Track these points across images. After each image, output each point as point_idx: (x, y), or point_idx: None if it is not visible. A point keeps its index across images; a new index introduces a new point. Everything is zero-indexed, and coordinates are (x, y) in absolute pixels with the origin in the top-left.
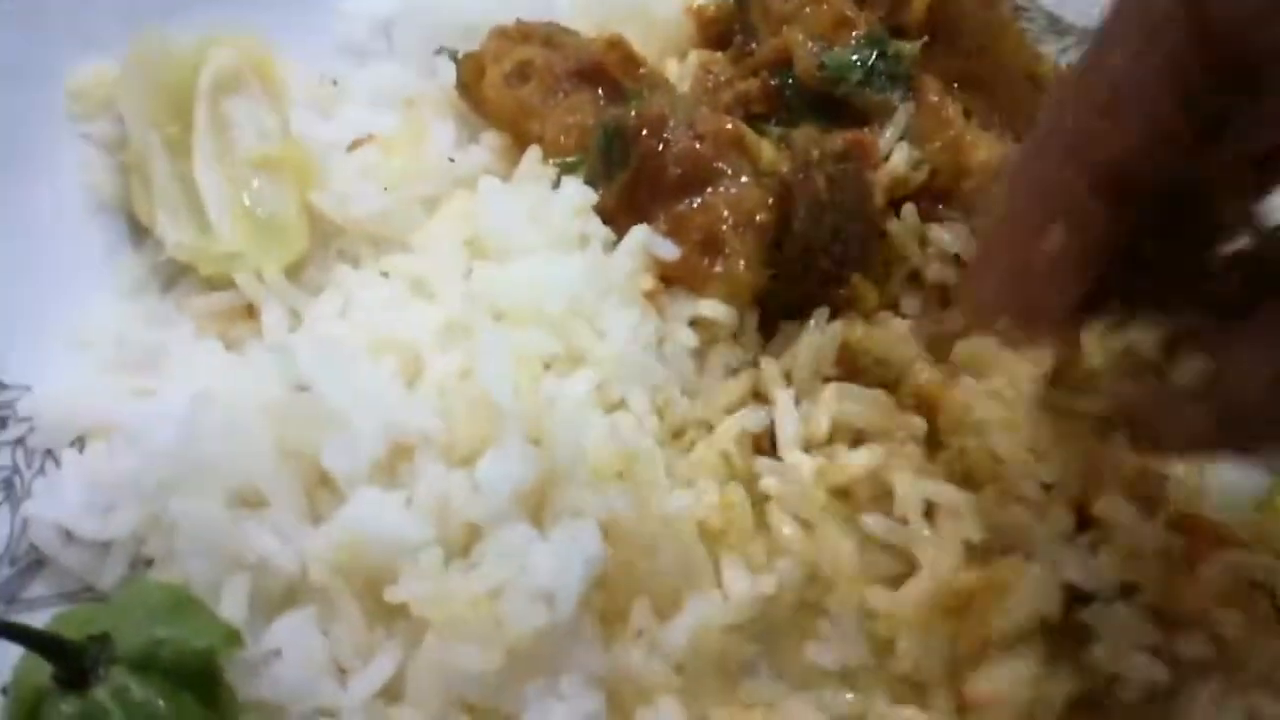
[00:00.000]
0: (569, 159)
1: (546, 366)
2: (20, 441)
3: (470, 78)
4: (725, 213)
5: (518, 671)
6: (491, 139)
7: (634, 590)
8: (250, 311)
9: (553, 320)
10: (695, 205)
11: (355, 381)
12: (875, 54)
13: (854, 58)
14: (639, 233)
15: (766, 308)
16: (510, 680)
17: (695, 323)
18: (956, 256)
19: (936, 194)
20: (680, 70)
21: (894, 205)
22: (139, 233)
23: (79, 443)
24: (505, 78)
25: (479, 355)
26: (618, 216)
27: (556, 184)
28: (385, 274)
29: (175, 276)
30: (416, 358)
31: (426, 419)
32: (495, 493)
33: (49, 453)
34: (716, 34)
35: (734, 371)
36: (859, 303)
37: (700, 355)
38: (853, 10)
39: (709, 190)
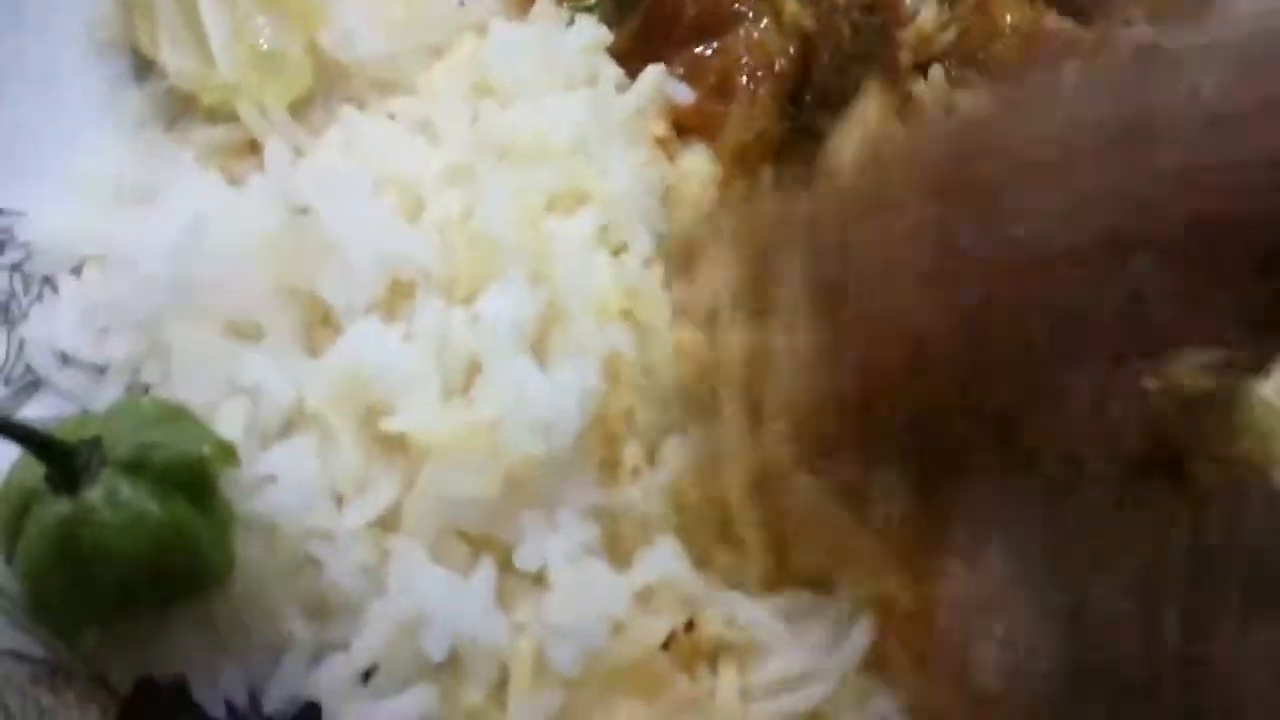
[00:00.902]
0: (585, 1)
1: (549, 208)
2: (17, 267)
3: None
4: (743, 58)
5: (514, 501)
6: None
7: (630, 432)
8: (253, 147)
9: (557, 158)
10: (712, 49)
11: (356, 211)
12: None
13: None
14: (653, 72)
15: (782, 164)
16: (506, 509)
17: None
18: None
19: (964, 57)
20: None
21: (919, 68)
22: (142, 69)
23: (77, 270)
24: None
25: (480, 193)
26: (631, 59)
27: (570, 25)
28: (391, 116)
29: (178, 113)
30: (419, 197)
31: (427, 254)
32: (496, 327)
33: (46, 279)
34: None
35: None
36: None
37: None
38: None
39: (727, 34)
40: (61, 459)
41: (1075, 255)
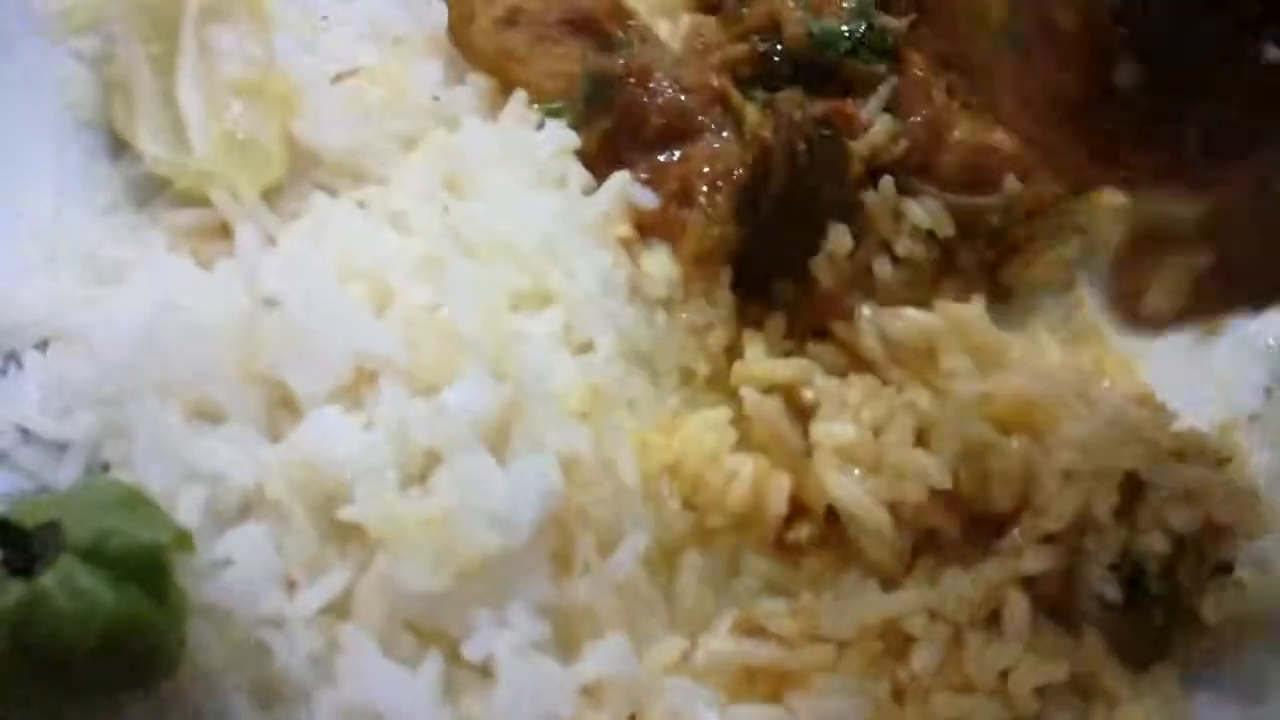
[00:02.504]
0: (554, 104)
1: (515, 307)
2: None
3: (460, 20)
4: (704, 166)
5: (466, 595)
6: (477, 81)
7: (583, 529)
8: (224, 231)
9: (525, 257)
10: (675, 157)
11: (324, 302)
12: (863, 26)
13: (843, 28)
14: (619, 178)
15: (740, 266)
16: (458, 603)
17: None
18: (929, 233)
19: (913, 169)
20: (670, 31)
21: (871, 177)
22: (118, 148)
23: (42, 346)
24: (495, 22)
25: (448, 287)
26: (598, 163)
27: (540, 127)
28: (361, 205)
29: (151, 194)
30: (387, 288)
31: (392, 346)
32: (457, 420)
33: (11, 354)
34: None
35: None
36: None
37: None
38: None
39: (689, 143)
40: (18, 543)
41: None
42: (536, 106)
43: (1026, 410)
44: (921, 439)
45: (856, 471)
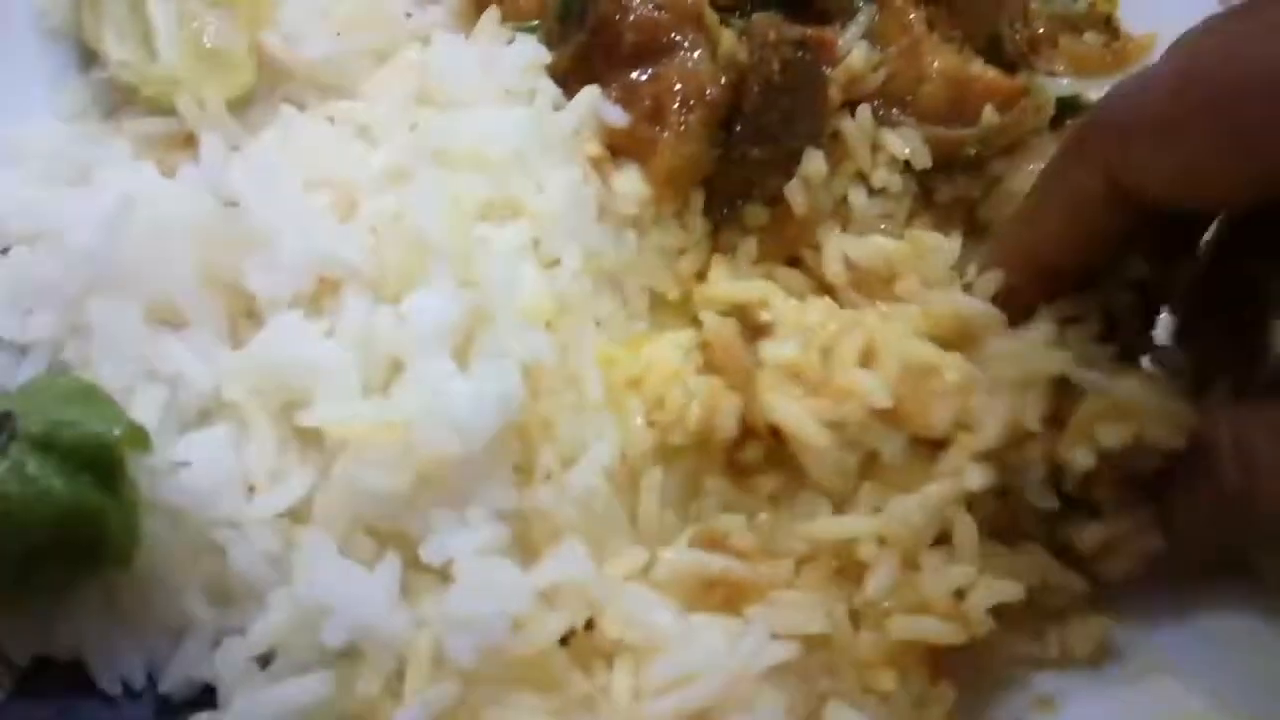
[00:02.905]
0: (527, 22)
1: (482, 216)
2: None
3: None
4: (677, 85)
5: (425, 499)
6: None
7: (546, 439)
8: (189, 141)
9: (493, 168)
10: (647, 75)
11: (288, 207)
12: None
13: None
14: (588, 93)
15: (713, 190)
16: (417, 507)
17: None
18: (906, 164)
19: (891, 99)
20: None
21: (848, 107)
22: (86, 59)
23: (4, 250)
24: None
25: (414, 195)
26: (569, 80)
27: (511, 43)
28: (330, 119)
29: (118, 104)
30: (352, 196)
31: (356, 253)
32: (420, 326)
33: None
34: None
35: (674, 251)
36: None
37: (640, 227)
38: None
39: (663, 62)
40: None
41: None
42: (509, 22)
43: (966, 328)
44: (866, 360)
45: (799, 392)
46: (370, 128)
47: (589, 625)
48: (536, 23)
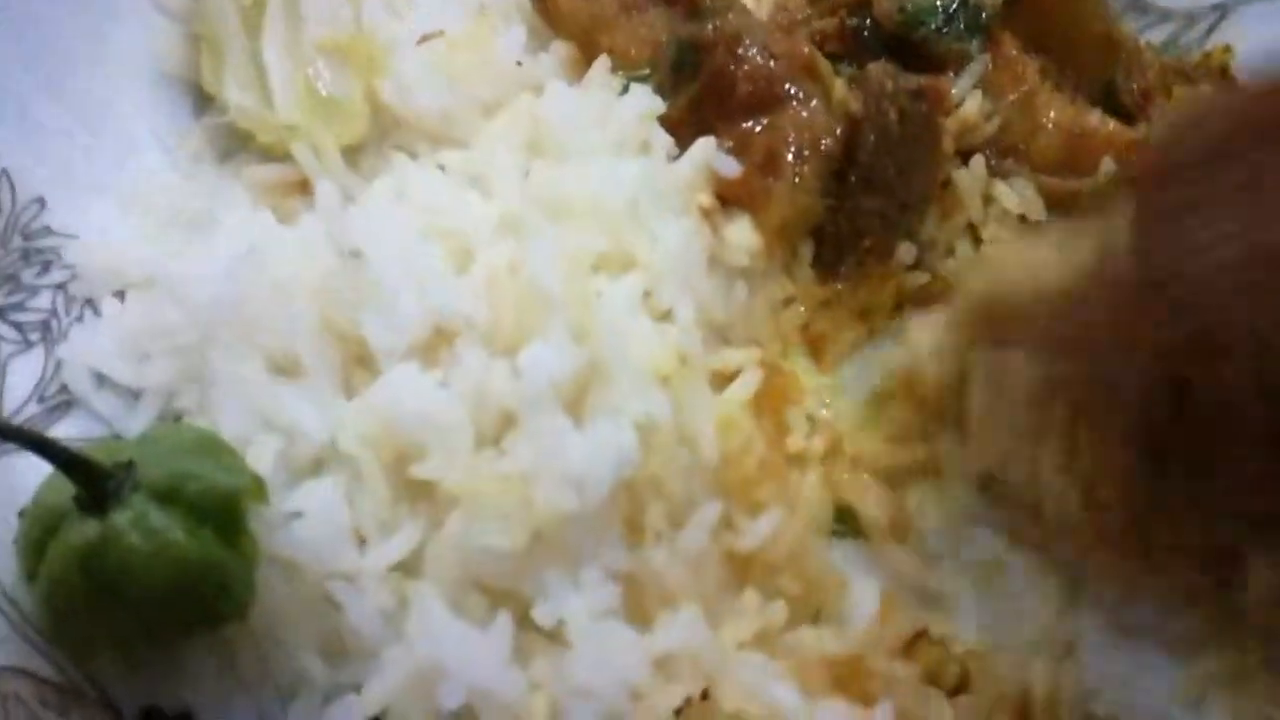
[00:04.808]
0: (639, 71)
1: (596, 269)
2: (61, 287)
3: None
4: (790, 135)
5: (538, 557)
6: (560, 49)
7: (655, 497)
8: (305, 187)
9: (607, 220)
10: (761, 125)
11: (405, 257)
12: (956, 3)
13: (935, 2)
14: (704, 145)
15: (822, 241)
16: (530, 565)
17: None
18: (1021, 217)
19: (1004, 149)
20: (756, 6)
21: (961, 156)
22: (202, 104)
23: (120, 294)
24: None
25: (530, 247)
26: (681, 130)
27: (623, 94)
28: (442, 167)
29: (234, 149)
30: (467, 247)
31: (472, 304)
32: (535, 381)
33: (89, 301)
34: None
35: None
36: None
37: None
38: None
39: (776, 112)
40: (94, 480)
41: None
42: (620, 74)
43: None
44: None
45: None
46: (483, 177)
47: (704, 695)
48: (647, 72)
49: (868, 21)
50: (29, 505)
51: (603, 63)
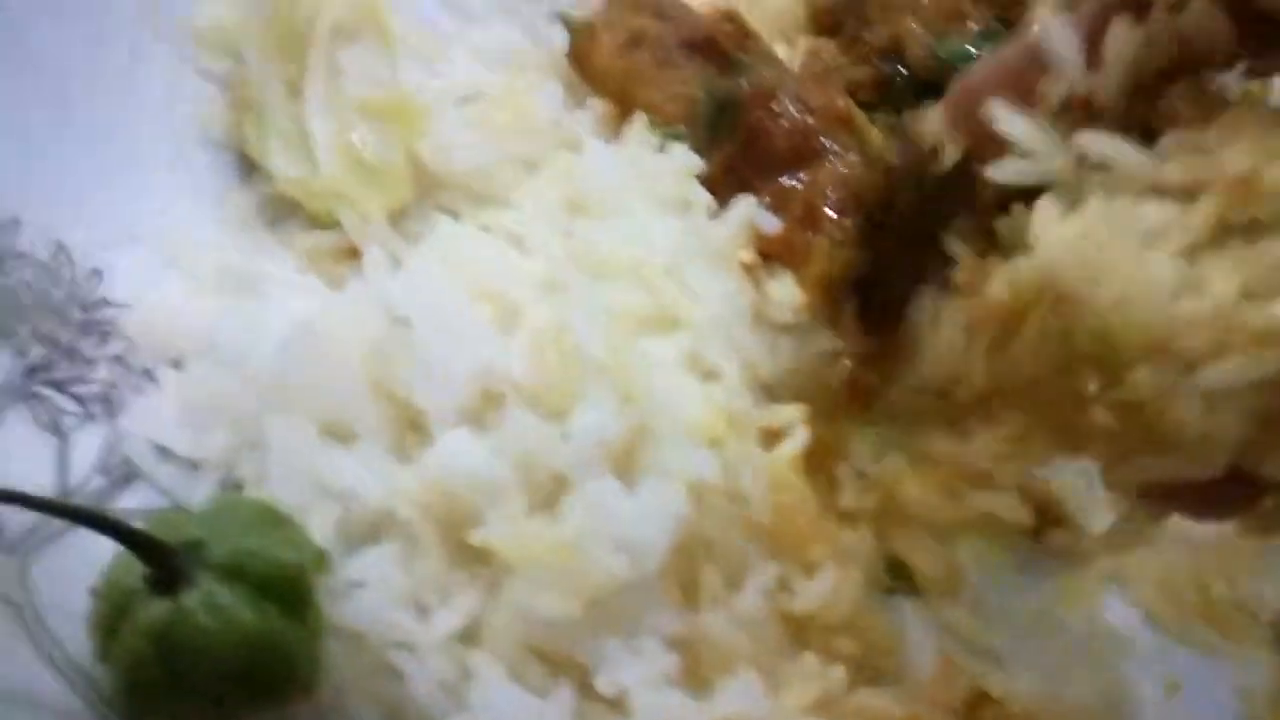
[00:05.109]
0: (675, 128)
1: (640, 328)
2: (119, 359)
3: (581, 44)
4: (829, 189)
5: (596, 623)
6: (598, 105)
7: (708, 560)
8: (352, 254)
9: (649, 280)
10: (799, 180)
11: (453, 321)
12: (988, 45)
13: (967, 47)
14: (744, 202)
15: (866, 296)
16: (588, 632)
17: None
18: None
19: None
20: (788, 56)
21: (1001, 206)
22: (247, 170)
23: (176, 362)
24: (618, 46)
25: (574, 308)
26: (720, 187)
27: (660, 151)
28: (485, 228)
29: (280, 216)
30: (513, 308)
31: (520, 367)
32: (584, 444)
33: (147, 371)
34: (827, 22)
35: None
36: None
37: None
38: (967, 4)
39: (814, 166)
40: (164, 561)
41: None
42: (656, 130)
43: None
44: None
45: None
46: (525, 236)
47: None
48: (682, 128)
49: (901, 69)
50: (100, 584)
51: (640, 120)
